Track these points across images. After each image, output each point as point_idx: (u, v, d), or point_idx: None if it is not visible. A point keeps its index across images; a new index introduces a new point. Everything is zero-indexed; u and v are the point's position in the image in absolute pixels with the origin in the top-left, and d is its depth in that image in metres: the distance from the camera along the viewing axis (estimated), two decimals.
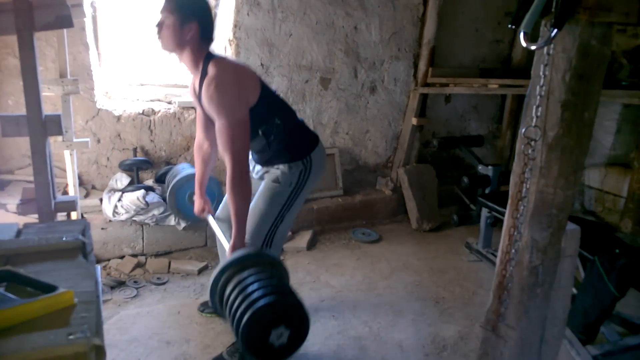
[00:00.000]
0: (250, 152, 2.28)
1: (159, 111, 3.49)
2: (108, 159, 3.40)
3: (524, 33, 1.49)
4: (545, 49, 1.53)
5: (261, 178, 2.36)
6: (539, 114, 1.57)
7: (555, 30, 1.45)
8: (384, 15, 4.01)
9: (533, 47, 1.51)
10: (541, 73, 1.55)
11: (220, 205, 2.56)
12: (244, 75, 2.08)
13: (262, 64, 3.65)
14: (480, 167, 3.98)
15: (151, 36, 2.08)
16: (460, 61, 4.59)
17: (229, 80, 1.98)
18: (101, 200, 3.24)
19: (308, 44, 3.78)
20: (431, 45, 4.18)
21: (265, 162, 2.30)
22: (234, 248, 2.07)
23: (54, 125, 1.78)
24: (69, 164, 2.66)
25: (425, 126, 4.44)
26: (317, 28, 3.78)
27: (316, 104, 3.97)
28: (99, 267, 1.60)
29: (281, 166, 2.23)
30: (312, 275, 3.37)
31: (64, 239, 1.16)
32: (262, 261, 1.95)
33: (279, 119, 2.19)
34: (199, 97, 2.11)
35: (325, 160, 2.44)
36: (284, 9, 3.60)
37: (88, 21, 3.16)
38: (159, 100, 3.61)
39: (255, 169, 2.40)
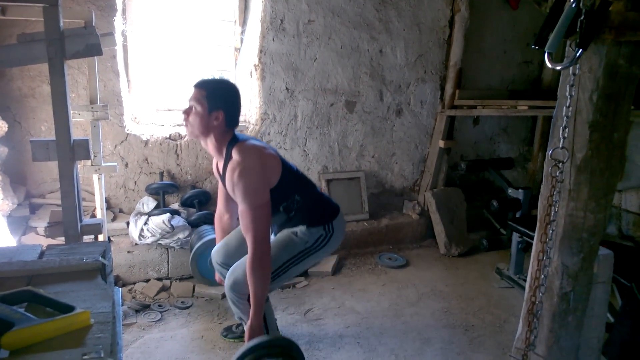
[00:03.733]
0: (274, 227, 2.41)
1: (185, 135, 3.54)
2: (135, 182, 3.45)
3: (549, 53, 1.46)
4: (571, 69, 1.49)
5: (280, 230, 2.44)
6: (566, 135, 1.52)
7: (581, 51, 1.41)
8: (410, 38, 4.00)
9: (558, 68, 1.47)
10: (567, 93, 1.50)
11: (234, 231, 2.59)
12: (266, 158, 2.17)
13: (287, 88, 3.68)
14: (510, 191, 3.87)
15: (181, 59, 2.13)
16: (489, 83, 4.52)
17: (252, 166, 2.07)
18: (128, 223, 3.28)
19: (333, 68, 3.80)
20: (458, 67, 4.14)
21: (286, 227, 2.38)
22: (251, 330, 2.13)
23: (82, 150, 1.82)
24: (97, 188, 2.71)
25: (453, 149, 4.37)
26: (342, 52, 3.80)
27: (341, 127, 3.96)
28: (119, 289, 1.60)
29: (301, 226, 2.31)
30: (337, 300, 3.30)
31: (85, 260, 1.17)
32: (277, 350, 2.00)
33: (299, 195, 2.28)
34: (222, 177, 2.23)
35: (344, 231, 2.51)
36: (309, 34, 3.64)
37: (119, 49, 3.25)
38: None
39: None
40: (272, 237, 2.43)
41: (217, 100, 2.10)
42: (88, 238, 2.30)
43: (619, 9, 1.41)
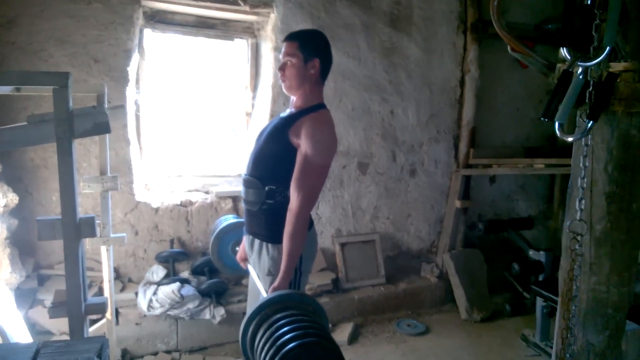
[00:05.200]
0: (243, 197, 2.17)
1: (196, 202, 3.50)
2: (145, 250, 3.39)
3: (559, 124, 1.41)
4: (583, 140, 1.43)
5: (253, 263, 2.22)
6: (582, 206, 1.44)
7: (592, 122, 1.36)
8: (421, 99, 4.00)
9: (570, 139, 1.42)
10: (581, 164, 1.44)
11: None
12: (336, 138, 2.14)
13: None
14: (531, 252, 3.72)
15: (192, 125, 2.10)
16: (503, 140, 4.47)
17: (332, 129, 2.07)
18: (137, 293, 3.19)
19: (344, 130, 3.79)
20: (471, 126, 4.11)
21: (252, 228, 2.16)
22: (276, 290, 1.91)
23: (88, 228, 1.78)
24: (105, 260, 2.64)
25: (471, 208, 4.26)
26: (353, 114, 3.80)
27: (354, 189, 3.90)
28: None
29: (270, 250, 2.09)
30: None
31: None
32: (304, 306, 1.71)
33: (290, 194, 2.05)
34: (285, 120, 2.08)
35: (316, 247, 2.32)
36: None
37: (130, 117, 3.28)
38: (196, 190, 3.64)
39: (246, 240, 2.27)
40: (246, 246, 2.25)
41: (311, 49, 2.06)
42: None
43: (627, 80, 1.37)
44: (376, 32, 3.78)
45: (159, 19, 3.42)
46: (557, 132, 1.45)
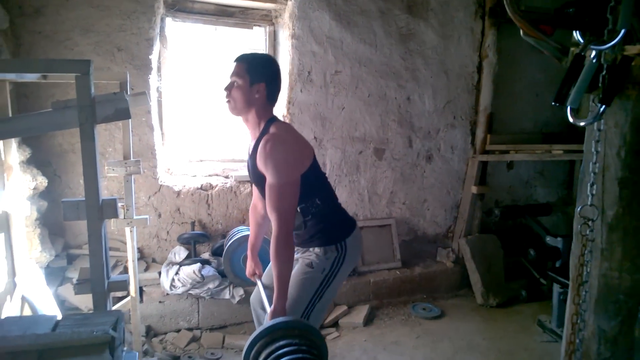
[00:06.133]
0: None
1: (217, 185, 3.61)
2: (168, 232, 3.51)
3: (571, 109, 1.42)
4: (596, 124, 1.45)
5: (295, 260, 2.26)
6: (594, 192, 1.46)
7: (604, 107, 1.37)
8: (437, 85, 4.01)
9: (582, 124, 1.43)
10: (593, 149, 1.45)
11: (265, 272, 2.51)
12: (302, 141, 2.13)
13: (315, 137, 3.72)
14: (548, 239, 3.71)
15: (212, 111, 2.17)
16: (521, 126, 4.45)
17: (287, 140, 2.02)
18: (160, 273, 3.32)
19: (361, 116, 3.83)
20: (488, 112, 4.10)
21: (299, 243, 2.23)
22: (273, 314, 1.97)
23: (110, 209, 1.86)
24: (129, 241, 2.76)
25: (488, 194, 4.27)
26: (369, 100, 3.84)
27: (371, 174, 3.95)
28: (135, 354, 1.60)
29: (316, 249, 2.16)
30: (368, 354, 3.20)
31: (95, 333, 1.17)
32: (300, 333, 1.78)
33: (320, 199, 2.14)
34: (253, 156, 2.10)
35: (361, 247, 2.36)
36: (335, 84, 3.71)
37: (153, 104, 3.39)
38: (216, 175, 3.74)
39: None
40: None
41: (258, 73, 2.07)
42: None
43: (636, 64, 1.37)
44: (392, 18, 3.79)
45: (179, 8, 3.50)
46: (570, 117, 1.45)
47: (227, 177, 3.74)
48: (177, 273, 3.29)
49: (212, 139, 3.83)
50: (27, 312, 2.60)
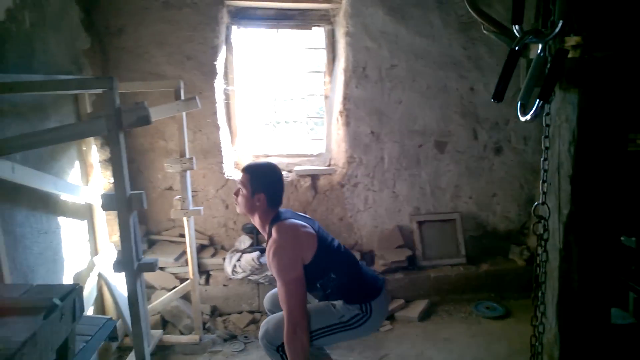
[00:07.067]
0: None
1: None
2: (235, 222, 3.84)
3: (521, 104, 1.39)
4: (544, 120, 1.39)
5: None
6: (545, 189, 1.40)
7: (541, 102, 1.31)
8: None
9: (523, 119, 1.38)
10: (542, 145, 1.40)
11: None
12: (301, 236, 2.34)
13: (372, 132, 3.77)
14: (623, 238, 3.32)
15: (278, 109, 2.41)
16: None
17: (284, 245, 2.27)
18: (224, 259, 3.66)
19: (419, 109, 3.79)
20: None
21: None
22: None
23: (137, 202, 2.17)
24: (186, 228, 3.13)
25: None
26: (428, 93, 3.77)
27: (432, 168, 3.89)
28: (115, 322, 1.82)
29: (340, 300, 2.39)
30: (416, 348, 3.20)
31: (38, 299, 1.30)
32: None
33: (334, 273, 2.37)
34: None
35: (386, 312, 2.59)
36: (392, 78, 3.71)
37: (220, 105, 3.73)
38: (281, 169, 3.98)
39: None
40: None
41: (259, 184, 2.38)
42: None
43: (576, 57, 1.28)
44: (452, 7, 3.68)
45: (243, 16, 3.79)
46: (519, 113, 1.42)
47: (290, 171, 3.96)
48: (239, 260, 3.60)
49: (278, 135, 4.08)
50: (103, 286, 3.10)
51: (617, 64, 1.26)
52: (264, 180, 2.40)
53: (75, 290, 1.34)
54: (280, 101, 4.12)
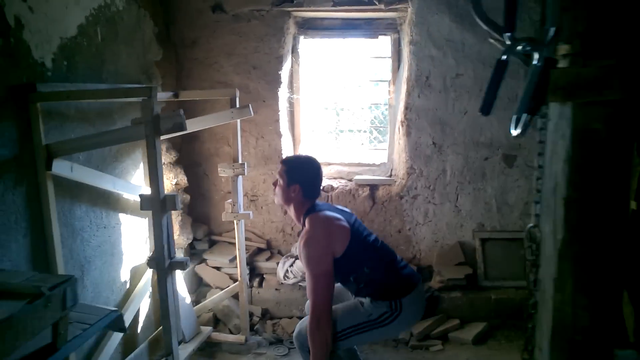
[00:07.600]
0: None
1: (337, 187, 3.86)
2: (292, 228, 3.92)
3: (516, 118, 1.30)
4: (538, 137, 1.28)
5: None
6: (537, 211, 1.29)
7: (528, 116, 1.21)
8: None
9: (514, 133, 1.29)
10: (535, 163, 1.29)
11: None
12: (334, 228, 2.35)
13: (434, 143, 3.64)
14: None
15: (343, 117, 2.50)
16: None
17: (315, 236, 2.30)
18: (277, 263, 3.75)
19: (486, 120, 3.58)
20: None
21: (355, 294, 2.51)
22: None
23: (171, 203, 2.30)
24: (236, 231, 3.25)
25: None
26: (497, 103, 3.53)
27: (499, 182, 3.65)
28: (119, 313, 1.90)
29: (368, 298, 2.39)
30: None
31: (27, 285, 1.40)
32: None
33: (368, 267, 2.36)
34: None
35: (421, 310, 2.49)
36: (457, 87, 3.56)
37: (283, 113, 3.83)
38: (341, 178, 3.99)
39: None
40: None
41: (295, 175, 2.45)
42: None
43: (567, 67, 1.14)
44: (526, 11, 3.43)
45: (310, 26, 3.87)
46: (511, 127, 1.32)
47: (350, 180, 3.95)
48: (291, 265, 3.66)
49: (341, 143, 4.09)
50: None
51: (617, 74, 1.11)
52: (299, 172, 2.47)
53: (68, 282, 1.45)
54: (345, 110, 4.13)
